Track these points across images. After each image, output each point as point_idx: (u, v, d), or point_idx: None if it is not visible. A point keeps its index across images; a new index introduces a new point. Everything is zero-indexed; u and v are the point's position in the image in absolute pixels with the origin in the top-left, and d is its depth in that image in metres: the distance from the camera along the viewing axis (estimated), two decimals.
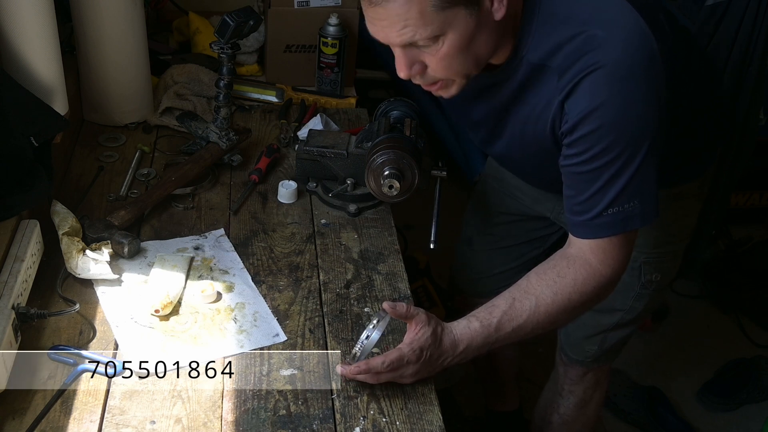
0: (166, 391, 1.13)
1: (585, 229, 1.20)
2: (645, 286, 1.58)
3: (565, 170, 1.19)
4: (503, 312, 1.20)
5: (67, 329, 1.21)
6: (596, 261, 1.21)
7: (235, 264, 1.38)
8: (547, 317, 1.21)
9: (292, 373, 1.18)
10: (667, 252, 1.55)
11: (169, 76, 1.81)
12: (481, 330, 1.20)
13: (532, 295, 1.21)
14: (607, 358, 1.75)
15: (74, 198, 1.48)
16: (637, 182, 1.15)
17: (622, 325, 1.66)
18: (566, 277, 1.21)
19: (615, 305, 1.62)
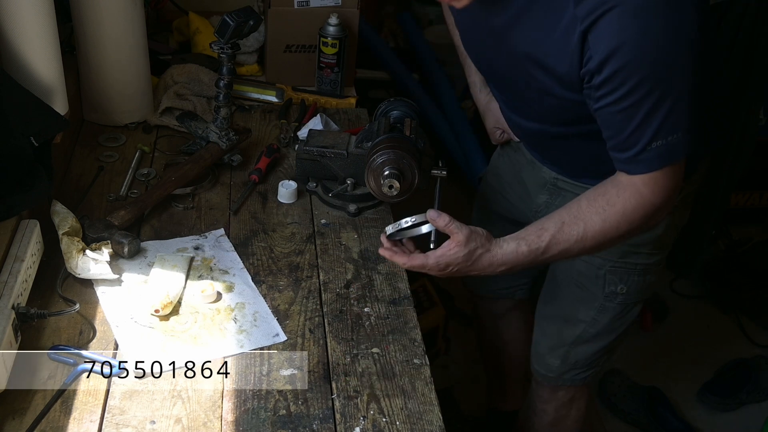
0: (166, 391, 1.13)
1: (632, 165, 1.19)
2: (609, 298, 1.55)
3: (599, 113, 1.17)
4: (552, 236, 1.23)
5: (67, 329, 1.21)
6: (647, 191, 1.20)
7: (235, 264, 1.38)
8: (594, 242, 1.24)
9: (292, 373, 1.18)
10: (634, 264, 1.52)
11: (169, 76, 1.81)
12: (529, 254, 1.24)
13: (581, 221, 1.23)
14: (575, 377, 1.70)
15: (74, 198, 1.48)
16: (677, 115, 1.14)
17: (585, 340, 1.62)
18: (616, 206, 1.21)
19: (578, 315, 1.60)
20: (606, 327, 1.60)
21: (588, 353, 1.65)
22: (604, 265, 1.52)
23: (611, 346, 1.65)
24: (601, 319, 1.58)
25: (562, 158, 1.47)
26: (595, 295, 1.56)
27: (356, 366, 1.21)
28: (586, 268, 1.55)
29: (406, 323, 1.30)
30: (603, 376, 2.42)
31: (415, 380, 1.19)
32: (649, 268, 1.53)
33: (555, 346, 1.67)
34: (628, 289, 1.54)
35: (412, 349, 1.25)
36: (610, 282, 1.53)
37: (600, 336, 1.61)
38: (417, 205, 1.65)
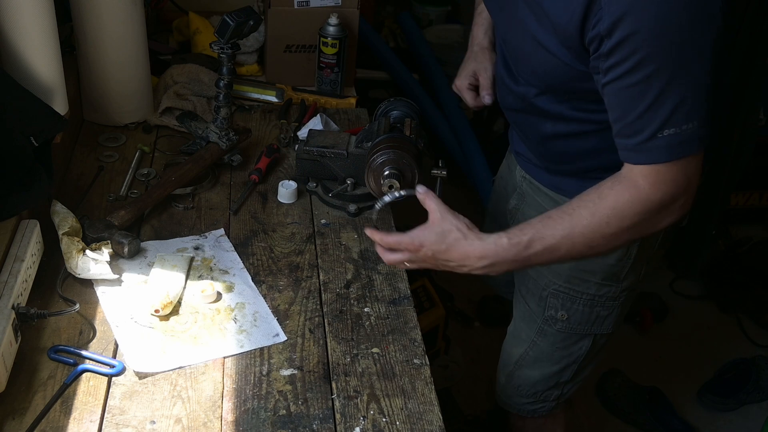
0: (166, 391, 1.13)
1: (637, 154, 1.07)
2: (548, 322, 1.47)
3: (608, 89, 1.06)
4: (535, 230, 1.12)
5: (67, 329, 1.21)
6: (646, 184, 1.08)
7: (235, 264, 1.38)
8: (584, 240, 1.11)
9: (292, 373, 1.18)
10: (579, 293, 1.41)
11: (169, 76, 1.81)
12: (509, 247, 1.12)
13: (569, 216, 1.11)
14: (523, 407, 1.62)
15: (74, 198, 1.48)
16: (694, 102, 1.02)
17: (527, 363, 1.54)
18: (607, 198, 1.10)
19: (521, 333, 1.53)
20: (546, 354, 1.51)
21: (531, 380, 1.57)
22: (549, 286, 1.43)
23: (557, 380, 1.55)
24: (540, 344, 1.50)
25: (539, 146, 1.36)
26: (536, 316, 1.48)
27: (356, 366, 1.21)
28: (533, 285, 1.47)
29: (406, 323, 1.30)
30: (602, 375, 2.42)
31: (415, 380, 1.19)
32: (599, 301, 1.42)
33: (505, 362, 1.61)
34: (570, 317, 1.44)
35: (412, 349, 1.25)
36: (551, 305, 1.45)
37: (541, 362, 1.53)
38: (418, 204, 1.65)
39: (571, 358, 1.51)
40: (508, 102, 1.36)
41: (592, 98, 1.14)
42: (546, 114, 1.27)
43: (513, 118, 1.40)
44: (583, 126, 1.24)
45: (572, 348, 1.50)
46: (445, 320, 2.31)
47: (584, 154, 1.29)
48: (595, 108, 1.17)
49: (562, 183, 1.37)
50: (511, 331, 1.60)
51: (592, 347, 1.50)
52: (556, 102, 1.24)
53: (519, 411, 1.66)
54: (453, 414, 2.20)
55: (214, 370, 1.18)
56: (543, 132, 1.31)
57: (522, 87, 1.28)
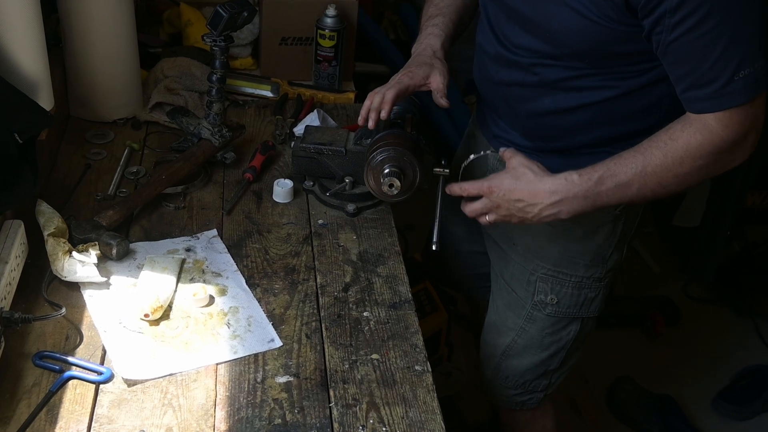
0: (156, 399, 1.13)
1: (714, 102, 1.14)
2: (537, 307, 1.52)
3: (676, 45, 1.12)
4: (606, 168, 1.21)
5: (53, 334, 1.21)
6: (719, 126, 1.16)
7: (229, 266, 1.38)
8: (656, 178, 1.20)
9: (288, 380, 1.18)
10: (568, 275, 1.48)
11: (159, 69, 1.81)
12: (580, 182, 1.22)
13: (641, 155, 1.20)
14: (512, 399, 1.66)
15: (60, 197, 1.48)
16: (762, 36, 1.10)
17: (516, 353, 1.58)
18: (678, 140, 1.18)
19: (507, 322, 1.57)
20: (536, 341, 1.55)
21: (519, 370, 1.60)
22: (537, 270, 1.49)
23: (546, 368, 1.59)
24: (529, 330, 1.54)
25: (529, 122, 1.39)
26: (524, 302, 1.53)
27: (355, 373, 1.21)
28: (519, 271, 1.52)
29: (407, 328, 1.30)
30: (612, 383, 2.42)
31: (417, 388, 1.19)
32: (586, 283, 1.49)
33: (489, 355, 1.64)
34: (559, 300, 1.50)
35: (413, 356, 1.25)
36: (540, 290, 1.50)
37: (530, 350, 1.57)
38: (419, 204, 1.65)
39: (560, 344, 1.56)
40: (501, 77, 1.38)
41: (620, 61, 1.22)
42: (550, 85, 1.31)
43: (502, 93, 1.42)
44: (586, 96, 1.29)
45: (561, 333, 1.54)
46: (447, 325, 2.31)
47: (577, 130, 1.34)
48: (614, 72, 1.25)
49: (544, 163, 1.38)
50: (493, 321, 1.63)
51: (580, 332, 1.55)
52: (568, 69, 1.28)
53: (508, 404, 1.69)
54: (456, 423, 2.20)
55: (207, 377, 1.18)
56: (539, 108, 1.35)
57: (525, 58, 1.31)
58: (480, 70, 1.47)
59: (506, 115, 1.44)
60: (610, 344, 2.54)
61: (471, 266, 1.78)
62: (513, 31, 1.32)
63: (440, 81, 1.40)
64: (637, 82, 1.27)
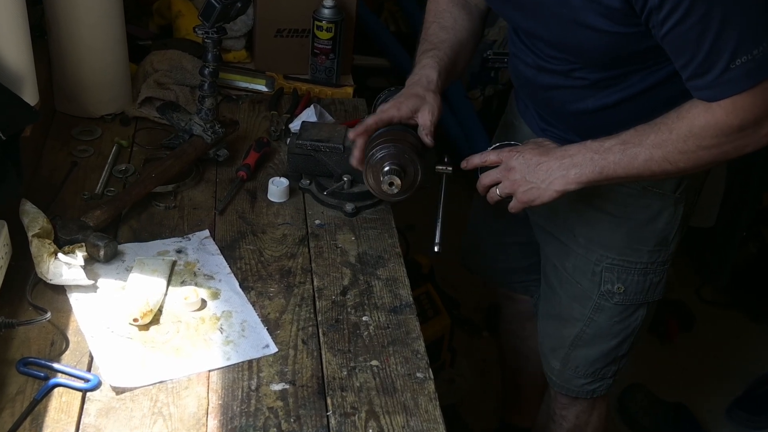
0: (145, 408, 1.13)
1: (714, 90, 1.19)
2: (604, 297, 1.56)
3: (668, 38, 1.18)
4: (617, 137, 1.29)
5: (38, 340, 1.21)
6: (722, 112, 1.20)
7: (221, 269, 1.38)
8: (661, 152, 1.26)
9: (283, 387, 1.18)
10: (633, 263, 1.53)
11: (148, 63, 1.81)
12: (591, 144, 1.30)
13: (650, 127, 1.26)
14: (582, 388, 1.70)
15: (45, 196, 1.48)
16: (758, 23, 1.14)
17: (585, 343, 1.62)
18: (683, 119, 1.24)
19: (573, 313, 1.61)
20: (605, 329, 1.60)
21: (589, 359, 1.65)
22: (601, 261, 1.53)
23: (615, 355, 1.64)
24: (598, 320, 1.59)
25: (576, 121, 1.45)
26: (590, 292, 1.57)
27: (353, 380, 1.21)
28: (582, 263, 1.56)
29: (408, 333, 1.30)
30: (623, 390, 2.42)
31: (418, 396, 1.19)
32: (651, 268, 1.54)
33: (555, 346, 1.68)
34: (626, 288, 1.55)
35: (414, 362, 1.25)
36: (607, 280, 1.54)
37: (599, 339, 1.61)
38: (420, 204, 1.65)
39: (629, 330, 1.61)
40: (540, 81, 1.44)
41: (648, 55, 1.27)
42: (591, 86, 1.36)
43: (544, 96, 1.47)
44: (628, 89, 1.35)
45: (630, 319, 1.59)
46: (450, 330, 2.31)
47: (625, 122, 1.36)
48: (649, 64, 1.30)
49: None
50: (556, 313, 1.66)
51: (647, 316, 1.61)
52: (605, 70, 1.33)
53: (579, 394, 1.72)
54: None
55: (198, 385, 1.18)
56: (584, 107, 1.41)
57: (561, 65, 1.37)
58: (516, 75, 1.52)
59: (552, 115, 1.50)
60: None
61: (512, 259, 1.82)
62: (542, 47, 1.38)
63: (428, 118, 1.39)
64: (666, 72, 1.30)
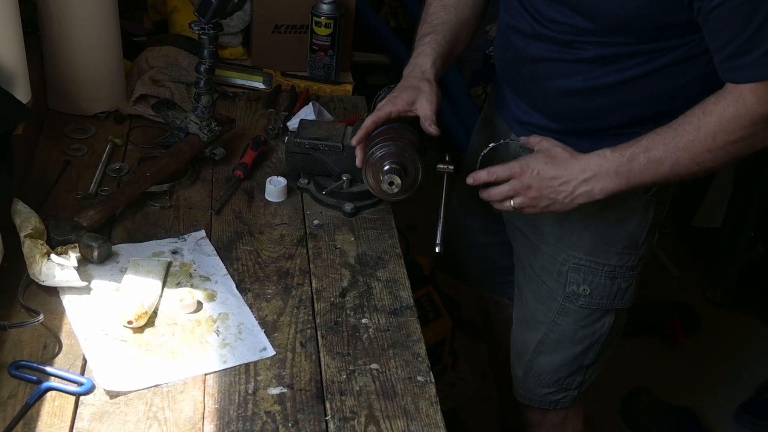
0: (140, 412, 1.13)
1: (755, 70, 1.19)
2: (570, 299, 1.55)
3: (717, 12, 1.17)
4: (639, 144, 1.28)
5: (30, 343, 1.21)
6: (753, 98, 1.20)
7: (218, 270, 1.38)
8: (688, 154, 1.26)
9: (281, 391, 1.18)
10: (601, 264, 1.51)
11: (143, 59, 1.81)
12: (612, 158, 1.29)
13: (672, 129, 1.26)
14: (546, 398, 1.68)
15: (38, 196, 1.47)
16: None
17: (548, 349, 1.61)
18: (711, 114, 1.23)
19: (538, 315, 1.60)
20: (569, 334, 1.58)
21: (552, 366, 1.63)
22: (568, 260, 1.52)
23: (580, 363, 1.62)
24: (562, 324, 1.57)
25: (558, 102, 1.42)
26: (555, 294, 1.56)
27: (353, 384, 1.21)
28: (549, 262, 1.55)
29: (409, 336, 1.30)
30: (628, 394, 2.42)
31: (419, 400, 1.19)
32: (619, 272, 1.53)
33: (519, 353, 1.67)
34: (592, 291, 1.53)
35: (415, 365, 1.25)
36: (573, 281, 1.53)
37: (563, 345, 1.59)
38: (421, 204, 1.65)
39: (594, 337, 1.59)
40: (530, 52, 1.41)
41: (659, 35, 1.26)
42: (586, 61, 1.34)
43: (530, 70, 1.43)
44: (619, 75, 1.33)
45: (595, 325, 1.57)
46: (452, 332, 2.31)
47: (607, 110, 1.37)
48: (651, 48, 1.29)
49: (571, 145, 1.40)
50: (522, 316, 1.65)
51: (614, 324, 1.59)
52: (605, 46, 1.31)
53: (541, 404, 1.70)
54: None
55: (194, 389, 1.18)
56: (569, 86, 1.38)
57: (561, 34, 1.34)
58: (504, 48, 1.48)
59: (530, 96, 1.46)
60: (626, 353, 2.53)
61: (489, 259, 1.80)
62: (546, 6, 1.35)
63: (427, 107, 1.38)
64: (673, 57, 1.30)
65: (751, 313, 2.78)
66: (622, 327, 1.62)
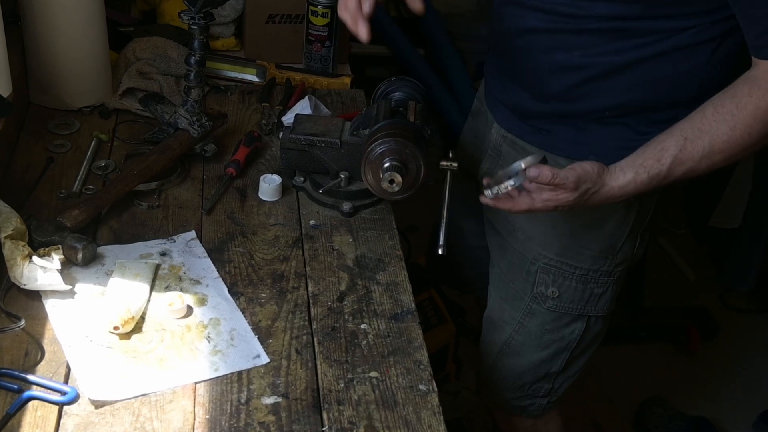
0: (127, 423, 1.13)
1: None
2: (537, 300, 1.54)
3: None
4: (674, 157, 1.25)
5: (11, 349, 1.21)
6: None
7: (209, 273, 1.38)
8: (723, 155, 1.25)
9: (275, 401, 1.18)
10: (573, 267, 1.51)
11: (130, 51, 1.81)
12: (650, 181, 1.28)
13: (707, 134, 1.24)
14: (509, 401, 1.67)
15: (19, 195, 1.48)
16: None
17: (512, 351, 1.60)
18: (747, 107, 1.21)
19: (504, 316, 1.60)
20: (534, 337, 1.57)
21: (516, 370, 1.62)
22: (538, 260, 1.52)
23: (547, 370, 1.61)
24: (527, 325, 1.57)
25: (551, 77, 1.40)
26: (522, 294, 1.55)
27: (351, 393, 1.21)
28: (518, 260, 1.54)
29: (410, 342, 1.30)
30: (641, 403, 2.42)
31: (421, 410, 1.19)
32: (593, 277, 1.52)
33: (484, 353, 1.67)
34: (561, 294, 1.53)
35: (416, 373, 1.25)
36: (541, 281, 1.53)
37: (528, 348, 1.59)
38: (423, 203, 1.65)
39: (562, 343, 1.58)
40: (528, 22, 1.37)
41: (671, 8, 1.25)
42: (588, 33, 1.31)
43: (525, 43, 1.40)
44: (620, 54, 1.31)
45: (563, 331, 1.56)
46: (455, 339, 2.31)
47: (603, 90, 1.35)
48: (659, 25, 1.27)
49: (558, 133, 1.39)
50: (489, 317, 1.65)
51: (586, 332, 1.57)
52: (606, 20, 1.29)
53: (506, 407, 1.70)
54: None
55: (184, 398, 1.18)
56: (566, 61, 1.36)
57: (564, 5, 1.31)
58: (500, 21, 1.45)
59: (520, 72, 1.44)
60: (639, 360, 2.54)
61: (481, 263, 1.79)
62: None
63: None
64: (679, 41, 1.28)
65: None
66: (597, 336, 1.61)
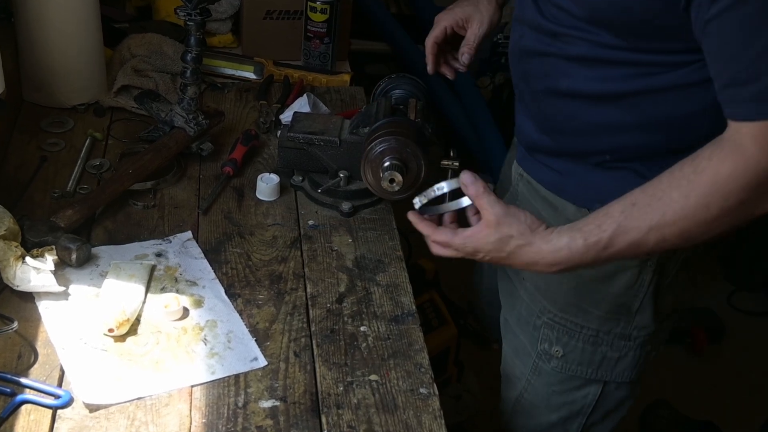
0: (122, 427, 1.13)
1: (755, 105, 1.01)
2: (542, 357, 1.46)
3: (714, 25, 1.02)
4: (617, 224, 1.09)
5: (3, 352, 1.21)
6: (754, 147, 1.02)
7: (205, 274, 1.38)
8: (676, 229, 1.08)
9: (273, 405, 1.18)
10: (578, 326, 1.40)
11: (125, 48, 1.81)
12: (586, 250, 1.11)
13: (659, 201, 1.08)
14: None
15: (12, 194, 1.48)
16: None
17: (523, 410, 1.52)
18: (704, 173, 1.05)
19: (515, 371, 1.53)
20: (543, 398, 1.49)
21: (528, 430, 1.56)
22: (543, 314, 1.43)
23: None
24: (535, 384, 1.49)
25: (548, 105, 1.32)
26: (530, 350, 1.48)
27: (351, 396, 1.21)
28: (526, 312, 1.47)
29: (411, 345, 1.30)
30: (646, 407, 2.42)
31: (422, 413, 1.19)
32: (604, 339, 1.41)
33: (502, 408, 1.60)
34: (566, 354, 1.43)
35: (417, 376, 1.25)
36: (545, 338, 1.44)
37: (537, 410, 1.51)
38: None
39: (574, 408, 1.49)
40: (525, 43, 1.31)
41: (652, 40, 1.14)
42: (574, 59, 1.23)
43: (524, 67, 1.34)
44: (608, 83, 1.22)
45: (574, 394, 1.48)
46: (457, 341, 2.31)
47: (600, 128, 1.26)
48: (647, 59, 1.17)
49: (565, 173, 1.33)
50: (503, 369, 1.59)
51: (603, 397, 1.47)
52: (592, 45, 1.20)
53: None
54: None
55: (180, 402, 1.18)
56: (555, 86, 1.28)
57: (555, 24, 1.24)
58: (513, 42, 1.39)
59: (525, 98, 1.38)
60: None
61: (498, 306, 1.68)
62: None
63: (475, 29, 1.31)
64: (673, 78, 1.18)
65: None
66: (621, 402, 1.50)
